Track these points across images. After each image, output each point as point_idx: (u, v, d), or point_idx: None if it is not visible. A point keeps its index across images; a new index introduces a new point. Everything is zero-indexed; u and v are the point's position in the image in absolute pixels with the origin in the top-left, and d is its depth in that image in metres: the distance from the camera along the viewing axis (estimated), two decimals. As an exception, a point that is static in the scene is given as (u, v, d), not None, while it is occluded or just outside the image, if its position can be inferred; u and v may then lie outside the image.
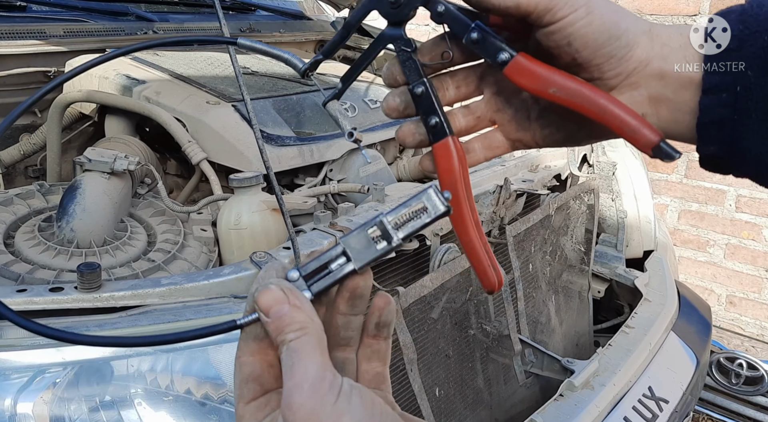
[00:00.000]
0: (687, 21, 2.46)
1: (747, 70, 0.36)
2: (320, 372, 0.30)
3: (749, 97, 0.36)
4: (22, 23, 1.43)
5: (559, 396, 1.05)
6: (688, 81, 0.38)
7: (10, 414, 0.69)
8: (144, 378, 0.75)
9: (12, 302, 0.73)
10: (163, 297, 0.79)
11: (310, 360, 0.31)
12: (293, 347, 0.31)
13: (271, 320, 0.32)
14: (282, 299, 0.32)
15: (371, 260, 0.34)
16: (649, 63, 0.38)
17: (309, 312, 0.32)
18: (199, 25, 1.76)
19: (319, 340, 0.32)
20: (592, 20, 0.37)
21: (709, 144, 0.38)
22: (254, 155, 1.18)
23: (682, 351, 1.29)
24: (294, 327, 0.31)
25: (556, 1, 0.37)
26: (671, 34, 0.39)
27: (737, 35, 0.37)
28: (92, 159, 1.04)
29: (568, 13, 0.37)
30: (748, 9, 0.37)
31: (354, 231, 0.35)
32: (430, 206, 0.33)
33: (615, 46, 0.37)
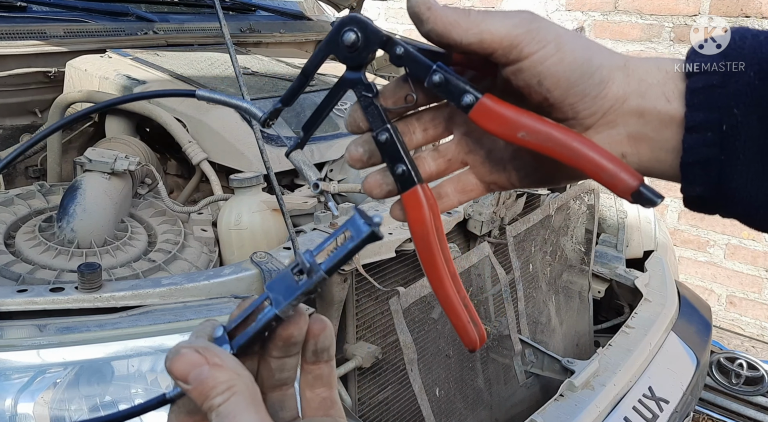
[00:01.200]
0: (687, 21, 2.46)
1: (733, 108, 0.34)
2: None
3: (736, 137, 0.34)
4: (22, 23, 1.43)
5: (559, 396, 1.05)
6: (668, 118, 0.35)
7: (10, 415, 0.69)
8: (144, 378, 0.75)
9: (12, 303, 0.73)
10: (163, 297, 0.80)
11: (245, 421, 0.28)
12: (223, 412, 0.28)
13: (192, 386, 0.29)
14: (198, 362, 0.29)
15: (292, 300, 0.32)
16: (626, 100, 0.36)
17: (233, 367, 0.30)
18: (199, 25, 1.77)
19: (252, 395, 0.29)
20: (563, 57, 0.34)
21: (695, 184, 0.36)
22: (254, 155, 1.18)
23: (683, 351, 1.29)
24: (219, 389, 0.29)
25: (522, 37, 0.34)
26: (649, 69, 0.36)
27: (720, 71, 0.34)
28: (93, 159, 1.04)
29: (536, 49, 0.34)
30: (731, 42, 0.35)
31: (278, 275, 0.33)
32: (354, 231, 0.31)
33: (588, 83, 0.35)
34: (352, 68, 0.40)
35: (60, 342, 0.73)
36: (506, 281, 1.22)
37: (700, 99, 0.34)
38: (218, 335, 0.33)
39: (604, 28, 2.70)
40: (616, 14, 2.65)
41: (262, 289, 0.84)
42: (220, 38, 1.70)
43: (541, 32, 0.34)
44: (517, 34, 0.34)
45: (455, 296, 0.40)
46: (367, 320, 1.01)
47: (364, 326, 1.00)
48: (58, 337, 0.73)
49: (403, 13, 3.40)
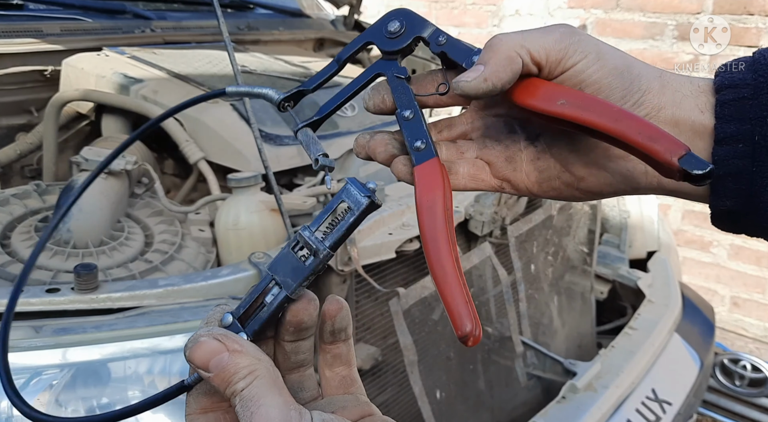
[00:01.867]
0: (690, 19, 2.45)
1: (766, 117, 0.34)
2: (284, 415, 0.28)
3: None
4: (18, 22, 1.42)
5: (561, 398, 1.04)
6: (702, 129, 0.36)
7: (6, 416, 0.69)
8: (141, 380, 0.75)
9: (6, 305, 0.72)
10: (160, 298, 0.79)
11: (270, 404, 0.28)
12: (246, 396, 0.29)
13: (213, 374, 0.29)
14: (218, 349, 0.30)
15: (302, 281, 0.31)
16: (661, 109, 0.37)
17: (253, 352, 0.30)
18: (197, 23, 1.76)
19: (273, 379, 0.29)
20: (604, 64, 0.36)
21: (724, 198, 0.36)
22: (253, 154, 1.17)
23: (686, 353, 1.28)
24: (241, 374, 0.29)
25: (565, 50, 0.36)
26: (683, 82, 0.37)
27: (751, 84, 0.35)
28: (89, 159, 1.03)
29: (579, 59, 0.36)
30: (758, 59, 0.36)
31: (278, 255, 0.32)
32: (352, 202, 0.31)
33: (628, 90, 0.36)
34: (388, 54, 0.41)
35: (56, 343, 0.72)
36: (508, 282, 1.21)
37: (731, 111, 0.35)
38: (228, 322, 0.32)
39: (607, 26, 2.69)
40: (618, 12, 2.63)
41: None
42: (218, 36, 1.69)
43: (582, 44, 0.36)
44: (560, 49, 0.36)
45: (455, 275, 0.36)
46: (366, 321, 1.00)
47: (364, 327, 0.99)
48: (55, 339, 0.73)
49: (404, 11, 3.39)
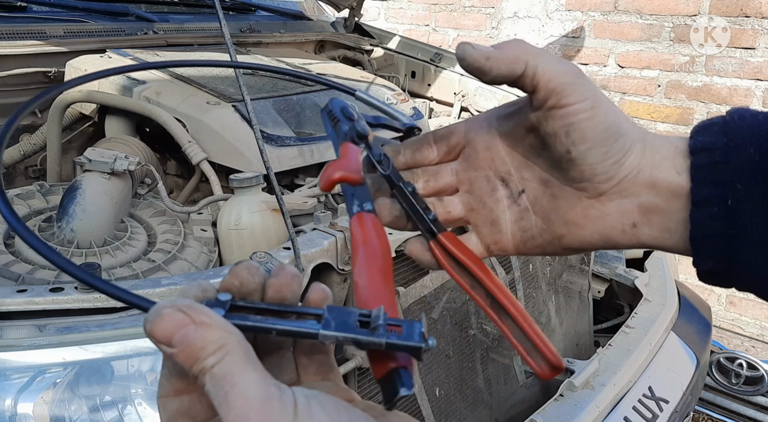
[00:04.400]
0: (687, 21, 2.46)
1: (736, 183, 0.34)
2: (263, 392, 0.25)
3: (742, 211, 0.34)
4: (22, 24, 1.43)
5: (559, 396, 1.05)
6: (679, 190, 0.36)
7: (10, 414, 0.69)
8: (144, 378, 0.75)
9: (12, 303, 0.73)
10: (163, 298, 0.79)
11: (246, 381, 0.25)
12: (218, 373, 0.26)
13: (177, 350, 0.26)
14: (183, 322, 0.26)
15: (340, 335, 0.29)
16: (640, 171, 0.37)
17: (222, 325, 0.27)
18: (199, 25, 1.77)
19: (246, 354, 0.27)
20: (596, 114, 0.36)
21: (706, 259, 0.36)
22: (254, 155, 1.18)
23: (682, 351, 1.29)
24: (210, 349, 0.26)
25: (566, 86, 0.35)
26: (662, 143, 0.37)
27: (722, 148, 0.35)
28: (92, 159, 1.04)
29: (575, 101, 0.35)
30: (729, 121, 0.36)
31: (345, 308, 0.31)
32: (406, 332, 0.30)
33: (613, 147, 0.36)
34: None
35: (60, 342, 0.73)
36: (506, 281, 1.22)
37: (704, 174, 0.35)
38: (222, 299, 0.30)
39: (604, 28, 2.70)
40: (616, 14, 2.65)
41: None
42: (220, 38, 1.70)
43: (583, 87, 0.36)
44: (563, 82, 0.35)
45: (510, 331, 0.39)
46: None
47: (364, 326, 1.00)
48: (58, 337, 0.73)
49: (403, 13, 3.40)
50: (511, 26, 3.02)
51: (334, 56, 2.02)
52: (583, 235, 0.39)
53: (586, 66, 2.79)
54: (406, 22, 3.39)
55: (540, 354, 0.38)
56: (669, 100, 2.57)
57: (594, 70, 2.77)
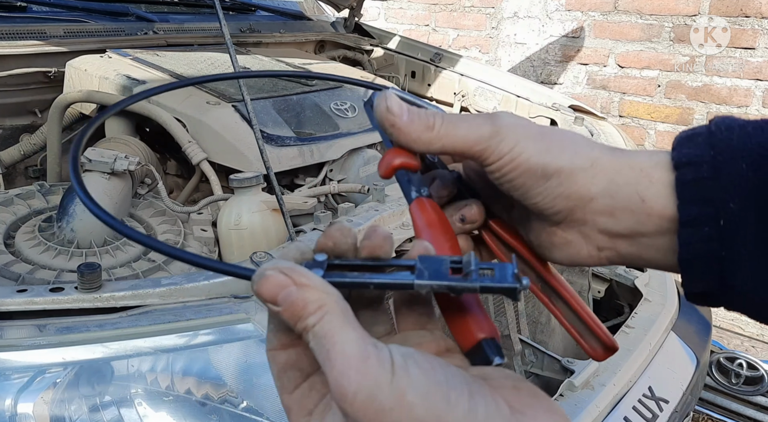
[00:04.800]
0: (687, 21, 2.46)
1: (728, 202, 0.32)
2: (362, 350, 0.27)
3: (736, 231, 0.32)
4: (22, 24, 1.43)
5: (559, 396, 1.05)
6: (645, 218, 0.35)
7: (10, 414, 0.69)
8: (144, 378, 0.75)
9: (12, 303, 0.73)
10: (163, 297, 0.79)
11: (345, 340, 0.27)
12: (319, 332, 0.27)
13: (282, 309, 0.28)
14: (285, 282, 0.28)
15: (435, 283, 0.30)
16: (592, 199, 0.36)
17: (321, 286, 0.29)
18: (199, 25, 1.77)
19: (344, 313, 0.28)
20: (518, 165, 0.36)
21: (696, 281, 0.35)
22: (254, 155, 1.18)
23: (682, 351, 1.29)
24: (310, 309, 0.28)
25: (483, 150, 0.36)
26: (620, 169, 0.36)
27: (709, 161, 0.33)
28: (92, 159, 1.04)
29: (495, 160, 0.36)
30: (716, 132, 0.34)
31: (436, 257, 0.32)
32: (499, 275, 0.30)
33: (544, 186, 0.36)
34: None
35: (60, 342, 0.73)
36: (506, 281, 1.22)
37: (691, 192, 0.34)
38: (319, 259, 0.31)
39: (604, 28, 2.70)
40: (615, 14, 2.65)
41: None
42: (220, 38, 1.70)
43: (501, 144, 0.36)
44: (480, 149, 0.36)
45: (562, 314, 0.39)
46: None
47: (364, 326, 1.00)
48: (58, 337, 0.73)
49: (403, 13, 3.40)
50: (510, 26, 3.02)
51: (334, 56, 2.02)
52: (553, 257, 0.40)
53: (586, 66, 2.80)
54: (406, 22, 3.39)
55: (594, 335, 0.38)
56: (669, 100, 2.57)
57: (594, 70, 2.77)
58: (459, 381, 0.27)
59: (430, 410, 0.26)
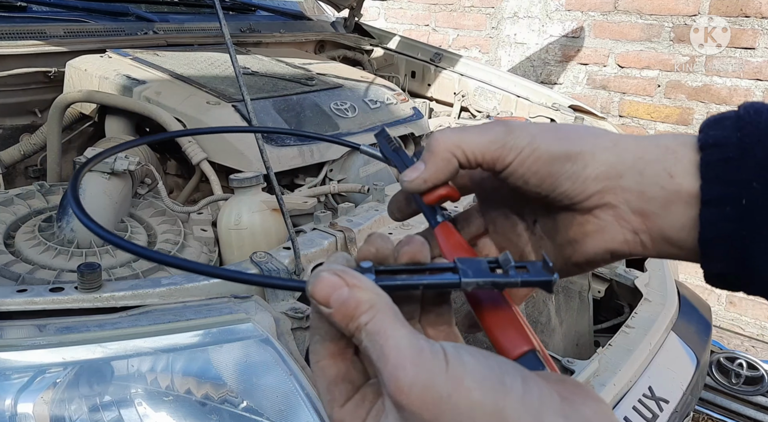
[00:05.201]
0: (687, 21, 2.46)
1: (752, 182, 0.33)
2: (415, 344, 0.27)
3: (757, 211, 0.32)
4: (22, 23, 1.43)
5: (559, 396, 1.05)
6: (674, 195, 0.35)
7: (10, 414, 0.69)
8: (144, 378, 0.75)
9: (12, 303, 0.73)
10: (163, 297, 0.79)
11: (398, 336, 0.28)
12: (371, 329, 0.28)
13: (334, 310, 0.29)
14: (338, 284, 0.29)
15: (481, 280, 0.31)
16: (621, 178, 0.36)
17: (372, 287, 0.30)
18: (199, 25, 1.77)
19: (395, 313, 0.29)
20: (539, 155, 0.36)
21: (716, 262, 0.35)
22: (254, 155, 1.18)
23: (683, 351, 1.29)
24: (363, 307, 0.28)
25: (500, 150, 0.36)
26: (646, 147, 0.36)
27: (736, 143, 0.33)
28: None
29: (514, 157, 0.36)
30: (744, 116, 0.34)
31: (473, 258, 0.33)
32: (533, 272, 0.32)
33: (570, 170, 0.36)
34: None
35: (60, 342, 0.73)
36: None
37: (716, 172, 0.34)
38: (365, 266, 0.32)
39: (604, 28, 2.70)
40: (615, 14, 2.65)
41: (262, 289, 0.84)
42: (220, 38, 1.70)
43: (516, 140, 0.36)
44: (495, 150, 0.36)
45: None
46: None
47: (364, 326, 1.00)
48: (58, 337, 0.73)
49: (403, 13, 3.40)
50: (510, 26, 3.02)
51: (334, 56, 2.02)
52: (587, 251, 0.39)
53: (586, 66, 2.80)
54: (406, 22, 3.39)
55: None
56: (669, 100, 2.57)
57: (594, 70, 2.77)
58: (511, 368, 0.28)
59: (487, 394, 0.27)
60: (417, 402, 0.27)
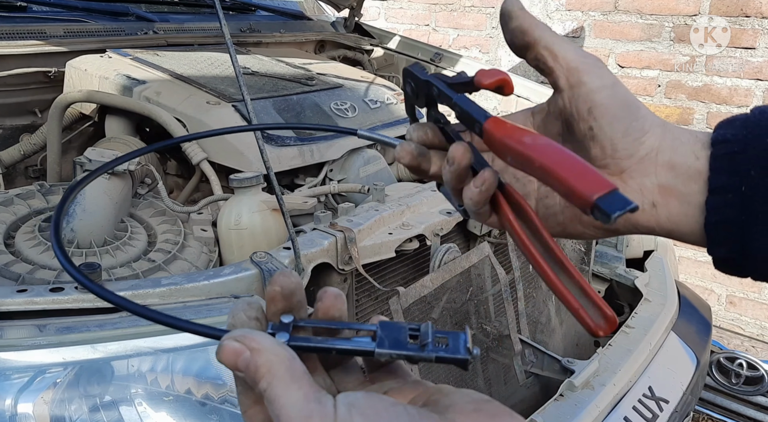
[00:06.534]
0: (687, 21, 2.46)
1: (750, 171, 0.36)
2: (305, 411, 0.28)
3: (755, 199, 0.36)
4: (22, 23, 1.43)
5: (559, 396, 1.05)
6: (696, 173, 0.38)
7: (10, 414, 0.69)
8: (144, 378, 0.75)
9: (12, 303, 0.73)
10: (163, 297, 0.80)
11: (290, 404, 0.29)
12: (269, 396, 0.29)
13: (243, 373, 0.30)
14: (240, 350, 0.30)
15: (394, 352, 0.32)
16: (659, 151, 0.39)
17: (270, 348, 0.30)
18: (200, 25, 1.77)
19: (291, 374, 0.30)
20: (616, 93, 0.39)
21: (720, 246, 0.38)
22: (254, 155, 1.18)
23: (683, 351, 1.29)
24: (260, 373, 0.30)
25: (587, 66, 0.39)
26: (682, 131, 0.40)
27: (741, 139, 0.37)
28: (92, 159, 1.04)
29: (595, 80, 0.39)
30: (750, 117, 0.38)
31: (396, 323, 0.33)
32: (452, 345, 0.32)
33: (632, 125, 0.39)
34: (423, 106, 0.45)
35: (60, 342, 0.73)
36: (506, 281, 1.22)
37: (722, 164, 0.38)
38: (285, 321, 0.33)
39: (604, 28, 2.70)
40: (616, 14, 2.65)
41: (262, 289, 0.84)
42: (220, 38, 1.70)
43: (603, 70, 0.39)
44: (584, 62, 0.39)
45: (560, 283, 0.39)
46: (366, 320, 1.01)
47: (364, 326, 1.00)
48: (58, 337, 0.73)
49: (403, 13, 3.40)
50: (511, 26, 3.01)
51: (334, 56, 2.02)
52: (553, 223, 0.42)
53: (586, 66, 2.79)
54: (406, 22, 3.39)
55: (597, 308, 0.38)
56: (669, 100, 2.57)
57: (594, 70, 2.77)
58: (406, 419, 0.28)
59: None
60: None
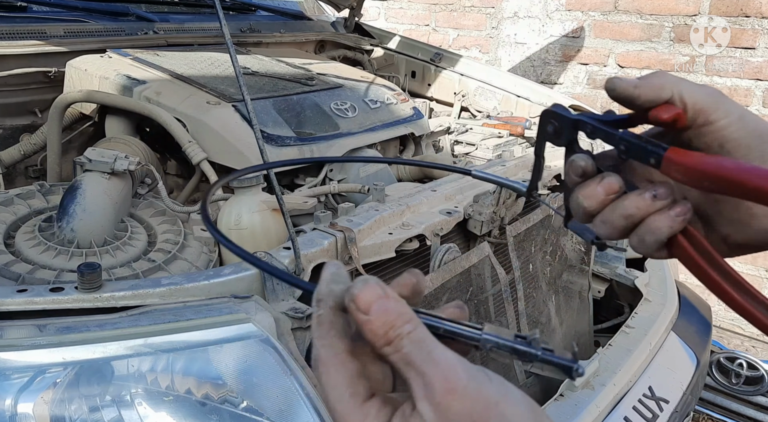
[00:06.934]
0: (687, 21, 2.46)
1: None
2: (458, 356, 0.29)
3: None
4: (22, 23, 1.43)
5: (559, 396, 1.05)
6: None
7: (10, 414, 0.69)
8: (144, 378, 0.75)
9: (12, 303, 0.73)
10: (163, 297, 0.79)
11: (442, 346, 0.29)
12: (416, 337, 0.29)
13: (373, 317, 0.30)
14: (382, 295, 0.30)
15: (500, 340, 0.32)
16: None
17: (408, 307, 0.31)
18: (200, 25, 1.77)
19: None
20: (745, 126, 0.40)
21: None
22: (254, 155, 1.18)
23: (683, 351, 1.29)
24: (405, 318, 0.30)
25: (711, 105, 0.39)
26: None
27: None
28: (92, 159, 1.04)
29: (723, 117, 0.39)
30: None
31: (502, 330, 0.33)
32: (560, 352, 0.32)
33: (765, 148, 0.39)
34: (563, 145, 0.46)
35: (60, 341, 0.73)
36: (506, 281, 1.22)
37: None
38: None
39: (604, 28, 2.70)
40: (616, 14, 2.65)
41: (262, 289, 0.84)
42: (220, 38, 1.70)
43: (727, 105, 0.40)
44: (708, 102, 0.39)
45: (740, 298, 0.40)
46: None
47: (364, 326, 1.00)
48: (58, 337, 0.73)
49: (403, 13, 3.40)
50: (511, 26, 3.02)
51: (334, 56, 2.02)
52: (748, 233, 0.42)
53: (586, 66, 2.79)
54: (406, 22, 3.39)
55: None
56: (669, 100, 2.57)
57: (594, 70, 2.77)
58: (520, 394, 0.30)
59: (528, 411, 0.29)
60: (469, 404, 0.28)
